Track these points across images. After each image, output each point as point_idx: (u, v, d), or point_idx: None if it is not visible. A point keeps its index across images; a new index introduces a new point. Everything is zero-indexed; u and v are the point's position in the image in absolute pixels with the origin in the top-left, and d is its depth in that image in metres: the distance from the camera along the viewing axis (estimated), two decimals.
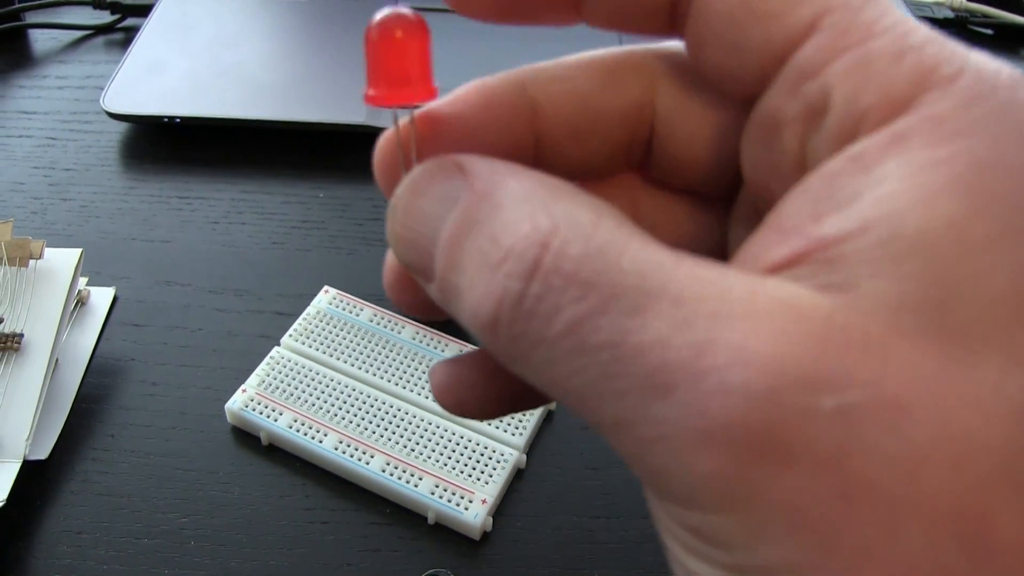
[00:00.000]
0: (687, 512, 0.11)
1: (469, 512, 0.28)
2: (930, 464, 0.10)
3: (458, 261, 0.13)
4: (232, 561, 0.28)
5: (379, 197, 0.41)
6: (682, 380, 0.11)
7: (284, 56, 0.45)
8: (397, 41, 0.14)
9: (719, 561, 0.11)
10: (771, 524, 0.10)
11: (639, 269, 0.11)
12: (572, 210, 0.12)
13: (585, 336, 0.11)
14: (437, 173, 0.14)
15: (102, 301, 0.35)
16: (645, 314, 0.11)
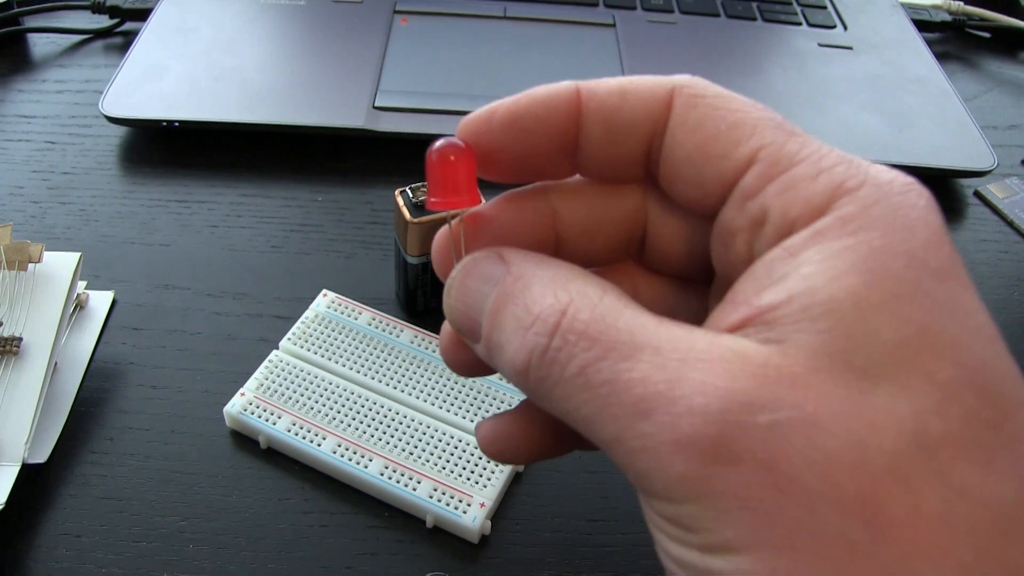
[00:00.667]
0: (666, 505, 0.15)
1: (467, 516, 0.28)
2: (838, 464, 0.14)
3: (499, 324, 0.17)
4: (231, 564, 0.28)
5: (377, 201, 0.41)
6: (659, 405, 0.15)
7: (283, 60, 0.45)
8: (451, 163, 0.19)
9: (692, 543, 0.15)
10: (726, 510, 0.14)
11: (631, 329, 0.16)
12: (583, 287, 0.17)
13: (590, 376, 0.16)
14: (482, 260, 0.18)
15: (101, 305, 0.35)
16: (633, 360, 0.15)
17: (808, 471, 0.14)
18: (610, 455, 0.16)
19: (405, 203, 0.32)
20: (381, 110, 0.42)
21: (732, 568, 0.15)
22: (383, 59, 0.46)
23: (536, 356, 0.16)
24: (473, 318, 0.18)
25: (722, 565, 0.15)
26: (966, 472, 0.14)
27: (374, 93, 0.43)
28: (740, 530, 0.14)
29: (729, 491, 0.14)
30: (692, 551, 0.15)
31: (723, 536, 0.15)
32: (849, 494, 0.14)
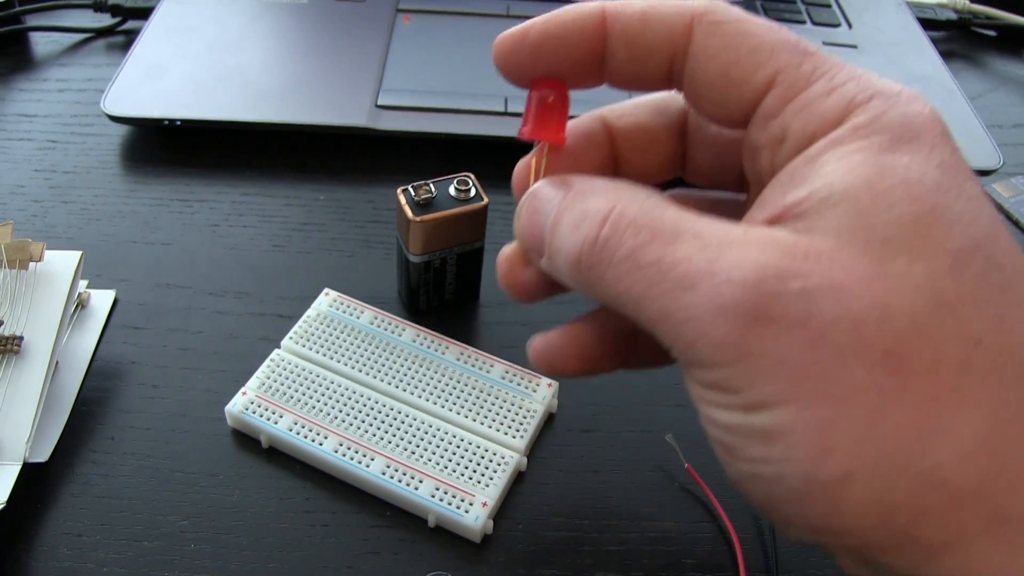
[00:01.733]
0: (710, 371, 0.17)
1: (470, 515, 0.28)
2: (865, 323, 0.16)
3: (558, 231, 0.20)
4: (232, 563, 0.27)
5: (379, 199, 0.41)
6: (701, 279, 0.17)
7: (285, 58, 0.45)
8: (547, 103, 0.21)
9: (734, 404, 0.17)
10: (764, 368, 0.16)
11: (675, 220, 0.18)
12: (632, 192, 0.19)
13: (639, 257, 0.18)
14: (549, 184, 0.21)
15: (102, 304, 0.35)
16: (677, 243, 0.17)
17: (837, 329, 0.16)
18: (658, 333, 0.18)
19: (407, 201, 0.32)
20: (383, 109, 0.42)
21: (772, 422, 0.17)
22: (385, 58, 0.45)
23: (588, 245, 0.19)
24: (537, 233, 0.21)
25: (763, 420, 0.17)
26: (980, 326, 0.16)
27: (376, 92, 0.43)
28: (778, 386, 0.16)
29: (766, 350, 0.16)
30: (735, 413, 0.17)
31: (762, 393, 0.16)
32: (876, 348, 0.16)
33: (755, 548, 0.29)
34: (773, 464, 0.17)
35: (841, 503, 0.16)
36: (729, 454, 0.19)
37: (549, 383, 0.32)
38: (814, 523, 0.17)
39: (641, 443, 0.32)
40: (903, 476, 0.16)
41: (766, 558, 0.29)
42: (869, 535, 0.17)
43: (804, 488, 0.17)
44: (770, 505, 0.18)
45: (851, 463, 0.16)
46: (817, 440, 0.16)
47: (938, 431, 0.16)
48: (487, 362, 0.32)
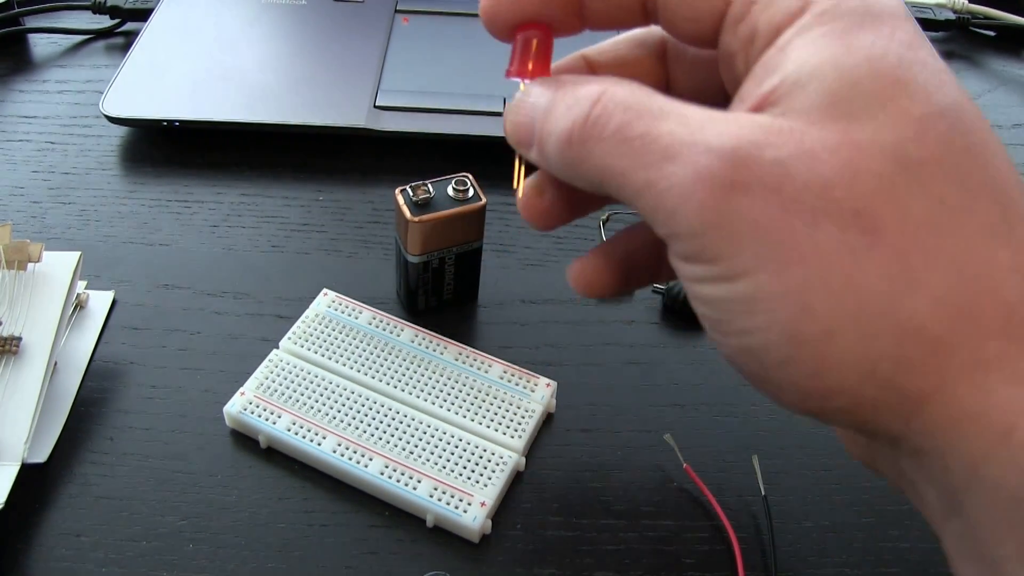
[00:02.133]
0: (690, 241, 0.18)
1: (468, 515, 0.28)
2: (835, 186, 0.17)
3: (551, 115, 0.20)
4: (231, 564, 0.28)
5: (378, 200, 0.41)
6: (683, 150, 0.18)
7: (284, 59, 0.45)
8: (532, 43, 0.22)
9: (715, 276, 0.18)
10: (740, 234, 0.17)
11: (661, 103, 0.19)
12: (623, 80, 0.20)
13: (627, 132, 0.19)
14: (541, 83, 0.21)
15: (101, 305, 0.35)
16: (663, 120, 0.18)
17: (809, 193, 0.17)
18: (641, 207, 0.19)
19: (406, 202, 0.32)
20: (382, 109, 0.42)
21: (752, 289, 0.17)
22: (384, 58, 0.45)
23: (579, 122, 0.19)
24: (527, 124, 0.21)
25: (743, 289, 0.17)
26: (944, 187, 0.17)
27: (375, 92, 0.43)
28: (754, 251, 0.17)
29: (742, 216, 0.17)
30: (717, 285, 0.18)
31: (740, 260, 0.17)
32: (846, 209, 0.17)
33: (753, 547, 0.29)
34: (758, 333, 0.18)
35: (826, 360, 0.17)
36: (718, 331, 0.19)
37: (547, 383, 0.32)
38: (804, 387, 0.18)
39: (639, 443, 0.32)
40: (881, 328, 0.17)
41: (764, 557, 0.29)
42: (857, 392, 0.17)
43: (790, 351, 0.17)
44: (763, 376, 0.19)
45: (831, 320, 0.17)
46: (796, 301, 0.17)
47: (910, 284, 0.17)
48: (485, 362, 0.32)
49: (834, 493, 0.31)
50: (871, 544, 0.29)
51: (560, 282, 0.37)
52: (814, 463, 0.32)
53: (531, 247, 0.39)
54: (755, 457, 0.31)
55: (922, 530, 0.30)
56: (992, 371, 0.17)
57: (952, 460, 0.17)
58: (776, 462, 0.31)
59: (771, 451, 0.32)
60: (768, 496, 0.30)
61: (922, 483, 0.19)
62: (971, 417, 0.17)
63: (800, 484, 0.31)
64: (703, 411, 0.33)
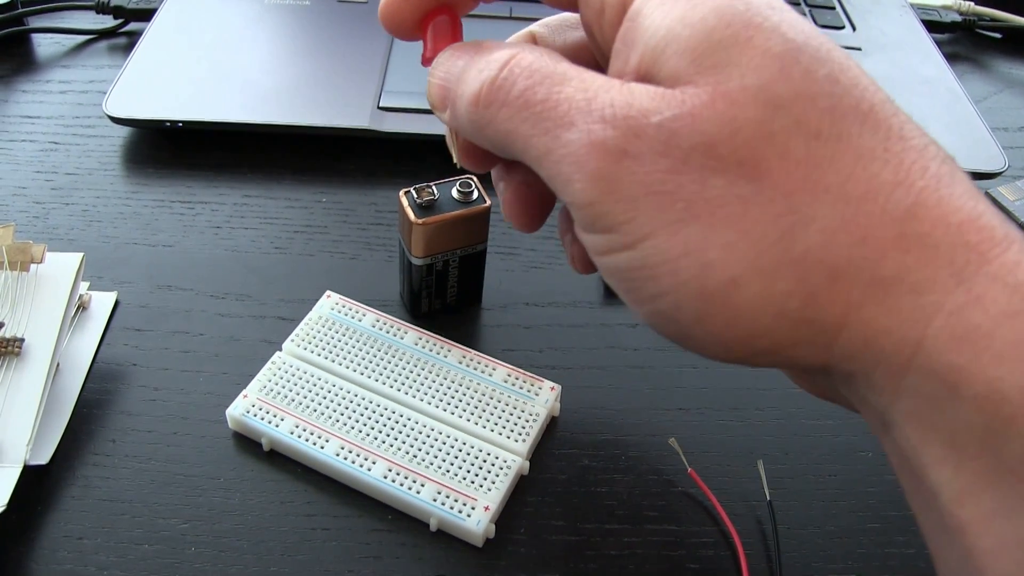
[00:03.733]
0: (588, 210, 0.19)
1: (471, 519, 0.28)
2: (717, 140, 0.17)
3: (464, 77, 0.21)
4: (233, 567, 0.27)
5: (382, 202, 0.41)
6: (579, 118, 0.18)
7: (287, 60, 0.45)
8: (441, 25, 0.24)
9: (616, 245, 0.19)
10: (634, 200, 0.18)
11: (564, 69, 0.20)
12: (533, 47, 0.21)
13: (529, 96, 0.19)
14: (461, 46, 0.23)
15: (103, 306, 0.35)
16: (563, 85, 0.19)
17: (695, 152, 0.17)
18: (542, 173, 0.20)
19: (409, 204, 0.31)
20: (385, 110, 0.42)
21: (653, 253, 0.18)
22: (388, 59, 0.45)
23: (487, 84, 0.20)
24: (446, 87, 0.22)
25: (645, 254, 0.18)
26: (817, 120, 0.17)
27: (379, 93, 0.43)
28: (648, 215, 0.18)
29: (634, 182, 0.18)
30: (621, 254, 0.19)
31: (637, 226, 0.18)
32: (730, 161, 0.17)
33: (758, 552, 0.29)
34: (667, 296, 0.18)
35: (737, 309, 0.18)
36: (630, 300, 0.20)
37: (552, 386, 0.32)
38: (724, 337, 0.19)
39: (643, 447, 0.31)
40: (781, 267, 0.17)
41: (769, 562, 0.29)
42: (773, 332, 0.18)
43: (700, 307, 0.18)
44: (683, 334, 0.19)
45: (732, 269, 0.18)
46: (697, 259, 0.18)
47: (800, 220, 0.17)
48: (489, 365, 0.32)
49: (839, 498, 0.31)
50: (877, 550, 0.29)
51: (564, 285, 0.37)
52: (819, 468, 0.31)
53: (535, 249, 0.39)
54: (760, 462, 0.31)
55: None
56: (893, 286, 0.17)
57: (876, 378, 0.18)
58: (781, 467, 0.31)
59: (776, 456, 0.31)
60: (773, 501, 0.30)
61: (861, 406, 0.20)
62: (883, 334, 0.17)
63: (805, 489, 0.31)
64: (708, 415, 0.33)
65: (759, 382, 0.34)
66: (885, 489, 0.31)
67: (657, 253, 0.18)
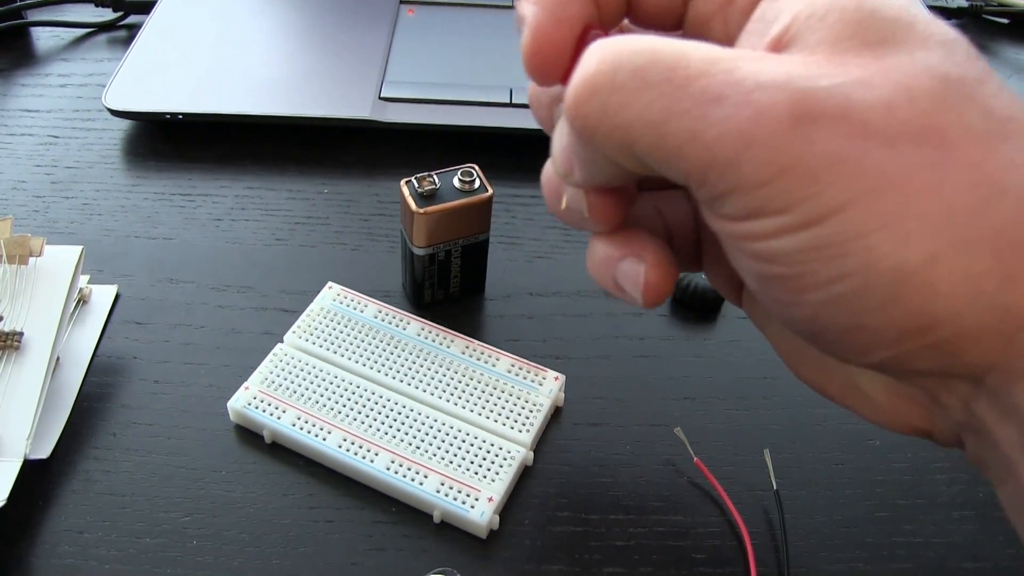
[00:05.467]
0: (753, 194, 0.16)
1: (475, 510, 0.27)
2: (898, 107, 0.16)
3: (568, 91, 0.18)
4: (235, 560, 0.27)
5: (384, 192, 0.40)
6: (726, 90, 0.16)
7: (287, 51, 0.45)
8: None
9: (789, 225, 0.16)
10: (817, 172, 0.16)
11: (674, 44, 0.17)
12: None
13: (645, 76, 0.16)
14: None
15: (104, 299, 0.34)
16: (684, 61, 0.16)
17: (876, 115, 0.16)
18: (683, 164, 0.17)
19: (411, 193, 0.31)
20: (387, 101, 0.42)
21: (843, 227, 0.16)
22: (389, 50, 0.45)
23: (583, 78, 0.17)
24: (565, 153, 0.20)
25: (831, 230, 0.16)
26: (986, 99, 0.16)
27: (380, 84, 0.43)
28: (839, 186, 0.16)
29: (817, 151, 0.16)
30: (794, 235, 0.16)
31: (824, 200, 0.16)
32: (915, 126, 0.16)
33: (765, 542, 0.28)
34: (853, 276, 0.16)
35: (933, 289, 0.16)
36: (794, 291, 0.17)
37: (556, 376, 0.31)
38: (906, 325, 0.17)
39: (649, 437, 0.31)
40: (980, 242, 0.16)
41: (776, 552, 0.28)
42: (961, 319, 0.16)
43: (895, 287, 0.16)
44: (853, 326, 0.17)
45: (932, 243, 0.16)
46: (896, 231, 0.16)
47: (993, 191, 0.16)
48: (493, 355, 0.32)
49: (847, 487, 0.30)
50: (884, 539, 0.29)
51: (568, 274, 0.37)
52: (827, 457, 0.31)
53: (539, 239, 0.38)
54: (767, 451, 0.30)
55: (937, 525, 0.29)
56: None
57: None
58: (788, 456, 0.31)
59: (783, 445, 0.31)
60: (780, 490, 0.29)
61: (999, 421, 0.18)
62: None
63: (812, 478, 0.30)
64: (714, 404, 0.32)
65: (765, 371, 0.34)
66: (893, 478, 0.31)
67: (848, 227, 0.16)
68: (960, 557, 0.29)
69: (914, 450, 0.31)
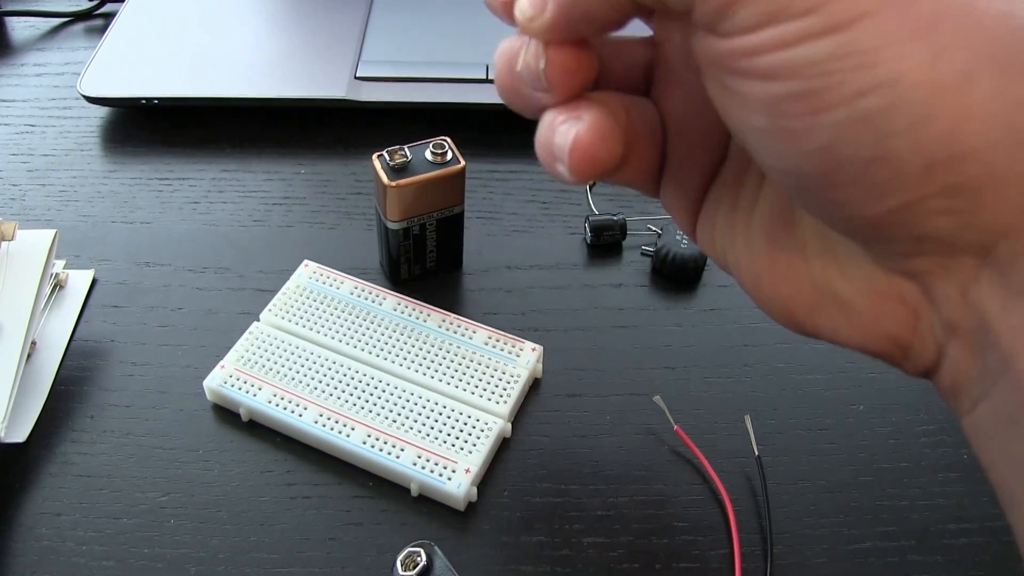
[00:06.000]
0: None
1: (452, 482, 0.27)
2: None
3: None
4: (213, 538, 0.27)
5: (361, 171, 0.40)
6: None
7: (263, 33, 0.45)
8: None
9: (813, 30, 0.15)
10: None
11: None
12: None
13: None
14: None
15: (81, 284, 0.34)
16: None
17: None
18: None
19: (383, 167, 0.31)
20: (363, 80, 0.41)
21: (873, 36, 0.14)
22: (365, 29, 0.45)
23: None
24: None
25: (859, 36, 0.14)
26: None
27: (356, 63, 0.42)
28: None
29: None
30: (819, 41, 0.15)
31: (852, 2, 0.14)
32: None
33: (747, 508, 0.28)
34: (884, 88, 0.15)
35: (967, 111, 0.15)
36: (813, 111, 0.16)
37: (533, 347, 0.31)
38: (936, 151, 0.15)
39: (628, 406, 0.31)
40: (1016, 68, 0.14)
41: (759, 519, 0.28)
42: (993, 153, 0.15)
43: (927, 103, 0.15)
44: (878, 154, 0.15)
45: (968, 59, 0.14)
46: (932, 41, 0.14)
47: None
48: (470, 328, 0.31)
49: (831, 452, 0.30)
50: (868, 503, 0.29)
51: (547, 247, 0.36)
52: (810, 423, 0.31)
53: (517, 213, 0.38)
54: (748, 417, 0.30)
55: (921, 488, 0.29)
56: None
57: None
58: (770, 423, 0.31)
59: (765, 412, 0.31)
60: (762, 456, 0.29)
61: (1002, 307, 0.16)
62: None
63: (795, 444, 0.30)
64: (695, 372, 0.32)
65: (746, 338, 0.33)
66: (877, 442, 0.30)
67: (880, 34, 0.14)
68: (945, 519, 0.29)
69: (898, 414, 0.31)
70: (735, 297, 0.35)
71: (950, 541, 0.28)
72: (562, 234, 0.37)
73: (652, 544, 0.27)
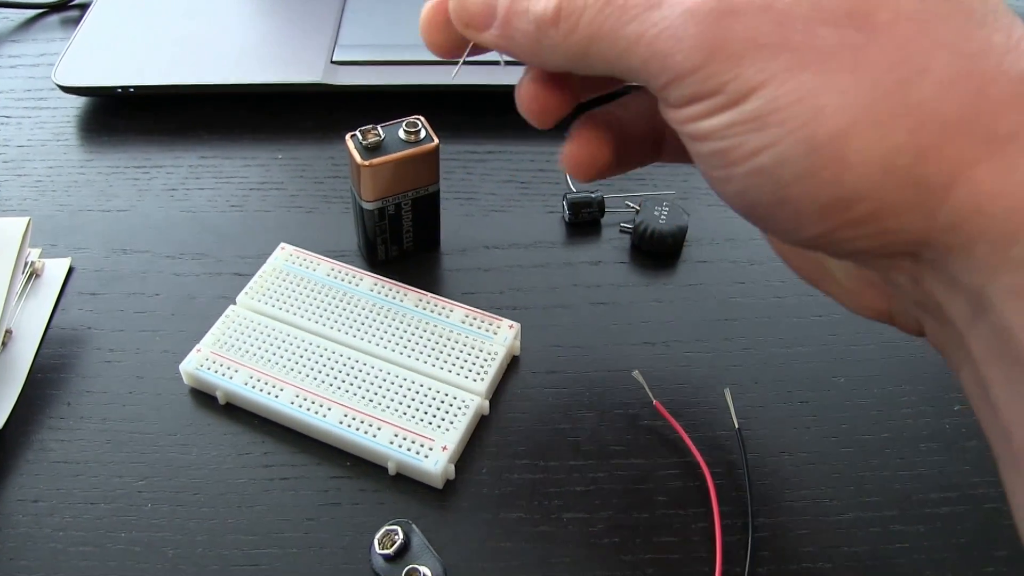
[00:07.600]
0: (689, 80, 0.18)
1: (429, 460, 0.27)
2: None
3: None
4: (190, 521, 0.27)
5: (338, 155, 0.40)
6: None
7: (238, 19, 0.44)
8: None
9: (719, 105, 0.18)
10: (739, 56, 0.17)
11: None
12: None
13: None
14: None
15: (57, 272, 0.34)
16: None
17: (800, 7, 0.17)
18: (634, 63, 0.19)
19: (356, 147, 0.31)
20: (339, 64, 0.41)
21: (761, 104, 0.17)
22: (342, 13, 0.44)
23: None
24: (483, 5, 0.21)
25: (752, 107, 0.17)
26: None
27: (332, 47, 0.42)
28: (757, 67, 0.17)
29: (739, 37, 0.17)
30: (724, 114, 0.18)
31: (745, 80, 0.17)
32: (838, 12, 0.17)
33: (728, 482, 0.28)
34: (772, 148, 0.17)
35: (845, 161, 0.17)
36: (725, 164, 0.19)
37: (510, 324, 0.31)
38: (825, 198, 0.18)
39: (607, 382, 0.31)
40: (895, 118, 0.17)
41: (740, 491, 0.28)
42: (878, 193, 0.17)
43: (808, 159, 0.17)
44: (778, 198, 0.18)
45: (845, 117, 0.17)
46: (808, 105, 0.17)
47: (914, 71, 0.17)
48: (447, 307, 0.31)
49: (812, 424, 0.30)
50: (851, 473, 0.29)
51: (525, 226, 0.36)
52: (791, 396, 0.31)
53: (495, 193, 0.38)
54: (727, 390, 0.30)
55: (903, 458, 0.29)
56: (1008, 144, 0.16)
57: (978, 251, 0.17)
58: (750, 396, 0.31)
59: (745, 385, 0.31)
60: (742, 429, 0.29)
61: (946, 294, 0.19)
62: (995, 197, 0.16)
63: (776, 417, 0.30)
64: (674, 348, 0.32)
65: (726, 313, 0.33)
66: (858, 414, 0.30)
67: (768, 103, 0.17)
68: (927, 488, 0.28)
69: (880, 385, 0.31)
70: (715, 272, 0.35)
71: (932, 510, 0.28)
72: (540, 213, 0.37)
73: (632, 518, 0.27)
